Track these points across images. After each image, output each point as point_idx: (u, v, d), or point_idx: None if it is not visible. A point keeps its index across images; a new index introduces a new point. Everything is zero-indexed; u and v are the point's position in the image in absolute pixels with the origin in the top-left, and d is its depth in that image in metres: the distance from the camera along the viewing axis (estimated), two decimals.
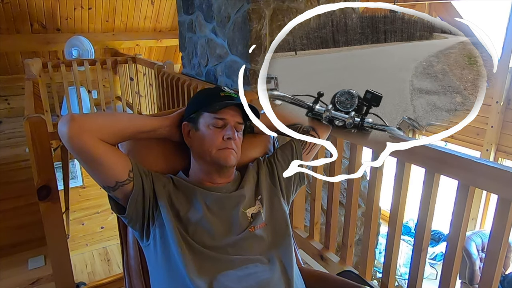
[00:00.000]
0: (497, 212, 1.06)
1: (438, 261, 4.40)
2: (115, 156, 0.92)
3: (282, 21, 2.09)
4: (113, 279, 2.37)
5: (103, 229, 5.57)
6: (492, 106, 4.09)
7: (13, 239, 4.12)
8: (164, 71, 3.08)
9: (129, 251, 1.11)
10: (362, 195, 2.21)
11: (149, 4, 4.84)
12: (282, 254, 0.97)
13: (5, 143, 4.59)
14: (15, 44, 4.37)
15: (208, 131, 0.99)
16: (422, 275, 1.32)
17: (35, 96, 2.26)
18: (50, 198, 1.74)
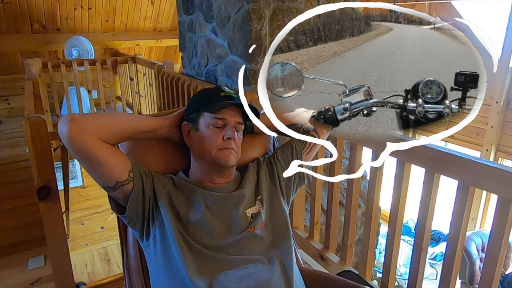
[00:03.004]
0: (497, 212, 1.06)
1: (438, 261, 4.40)
2: (115, 156, 0.92)
3: (282, 21, 2.09)
4: (113, 279, 2.37)
5: (103, 229, 5.58)
6: (492, 106, 4.10)
7: (13, 239, 4.13)
8: (164, 71, 3.08)
9: (129, 251, 1.11)
10: (362, 195, 2.21)
11: (149, 4, 4.84)
12: (282, 254, 0.97)
13: (5, 143, 4.59)
14: (15, 44, 4.38)
15: (208, 131, 0.99)
16: (422, 275, 1.32)
17: (35, 96, 2.26)
18: (50, 198, 1.73)
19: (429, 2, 4.73)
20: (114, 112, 4.36)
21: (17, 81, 4.55)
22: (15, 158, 4.60)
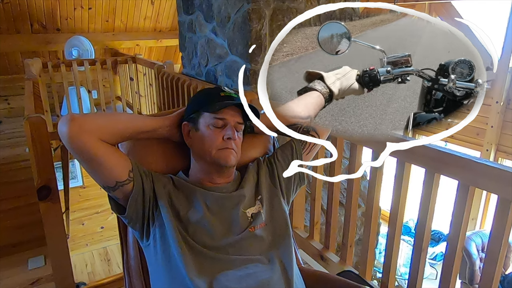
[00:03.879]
0: (497, 212, 1.06)
1: (438, 261, 4.40)
2: (115, 156, 0.92)
3: (282, 21, 2.09)
4: (113, 279, 2.37)
5: (103, 229, 5.58)
6: (492, 106, 4.09)
7: (13, 239, 4.13)
8: (164, 71, 3.08)
9: (129, 251, 1.11)
10: (362, 195, 2.21)
11: (149, 4, 4.84)
12: (282, 254, 0.97)
13: (5, 143, 4.59)
14: (15, 44, 4.38)
15: (208, 131, 0.99)
16: (422, 275, 1.32)
17: (35, 96, 2.26)
18: (50, 198, 1.73)
19: (429, 2, 4.73)
20: (114, 112, 4.36)
21: (17, 81, 4.55)
22: (15, 158, 4.60)
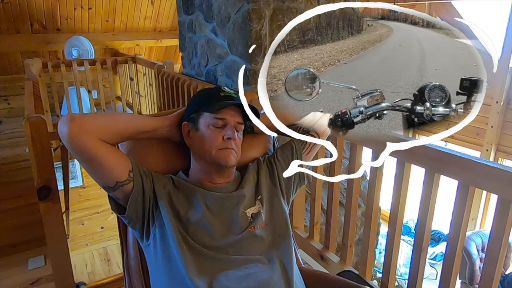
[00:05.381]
0: (497, 212, 1.06)
1: (438, 261, 4.40)
2: (115, 156, 0.92)
3: (282, 21, 2.09)
4: (113, 279, 2.37)
5: (103, 229, 5.58)
6: (492, 106, 4.10)
7: (13, 239, 4.13)
8: (164, 71, 3.08)
9: (129, 251, 1.11)
10: (362, 195, 2.21)
11: (149, 4, 4.84)
12: (282, 254, 0.97)
13: (5, 143, 4.59)
14: (15, 44, 4.38)
15: (208, 131, 0.99)
16: (422, 275, 1.32)
17: (35, 96, 2.26)
18: (50, 198, 1.73)
19: (429, 2, 4.73)
20: (114, 112, 4.36)
21: (17, 81, 4.55)
22: (15, 158, 4.60)
